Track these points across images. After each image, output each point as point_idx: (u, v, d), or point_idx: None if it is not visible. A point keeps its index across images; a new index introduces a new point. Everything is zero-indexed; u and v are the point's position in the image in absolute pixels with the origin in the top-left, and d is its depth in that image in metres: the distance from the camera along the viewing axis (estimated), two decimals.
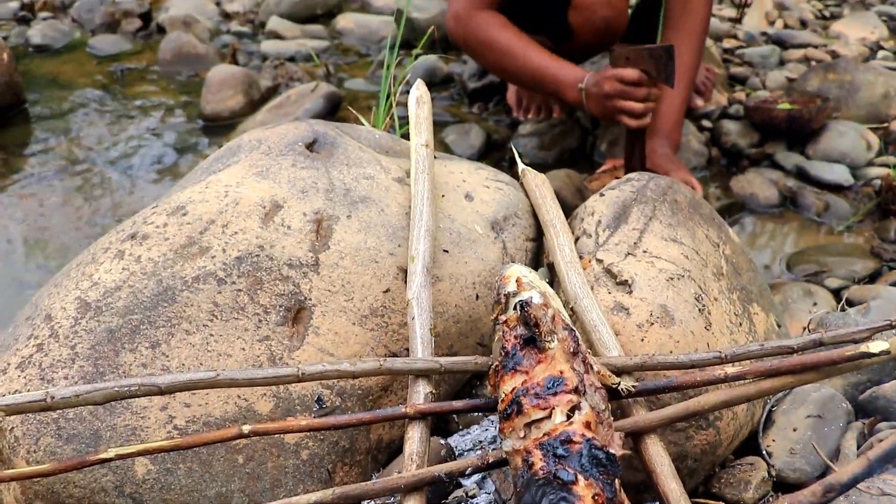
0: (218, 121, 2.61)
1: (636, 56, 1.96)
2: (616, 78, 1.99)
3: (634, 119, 2.01)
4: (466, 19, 2.23)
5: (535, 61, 2.17)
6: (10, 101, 2.64)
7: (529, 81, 2.25)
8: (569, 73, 2.12)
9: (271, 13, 3.26)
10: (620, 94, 1.99)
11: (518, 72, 2.23)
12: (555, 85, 2.16)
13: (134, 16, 3.27)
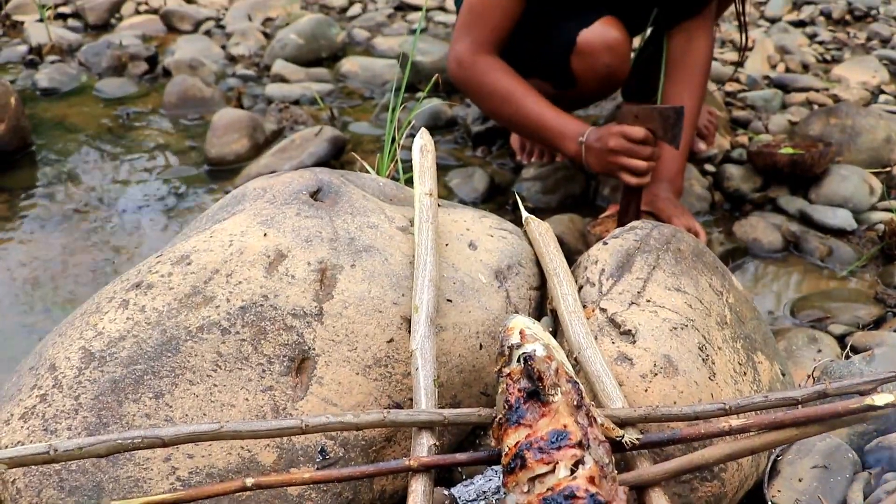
0: (222, 164, 2.62)
1: (645, 115, 1.96)
2: (622, 134, 2.00)
3: (635, 177, 2.02)
4: (468, 64, 2.25)
5: (535, 111, 2.18)
6: (16, 144, 2.66)
7: (529, 130, 2.27)
8: (569, 125, 2.13)
9: (276, 57, 3.29)
10: (626, 151, 2.00)
11: (518, 120, 2.24)
12: (554, 136, 2.17)
13: (140, 59, 3.30)
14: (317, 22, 3.41)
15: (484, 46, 2.23)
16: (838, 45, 3.37)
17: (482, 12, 2.23)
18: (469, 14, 2.25)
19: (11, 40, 3.57)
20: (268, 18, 3.78)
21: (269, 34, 3.62)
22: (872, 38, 3.38)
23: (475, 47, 2.23)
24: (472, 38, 2.24)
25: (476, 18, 2.23)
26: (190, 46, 3.44)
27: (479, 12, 2.23)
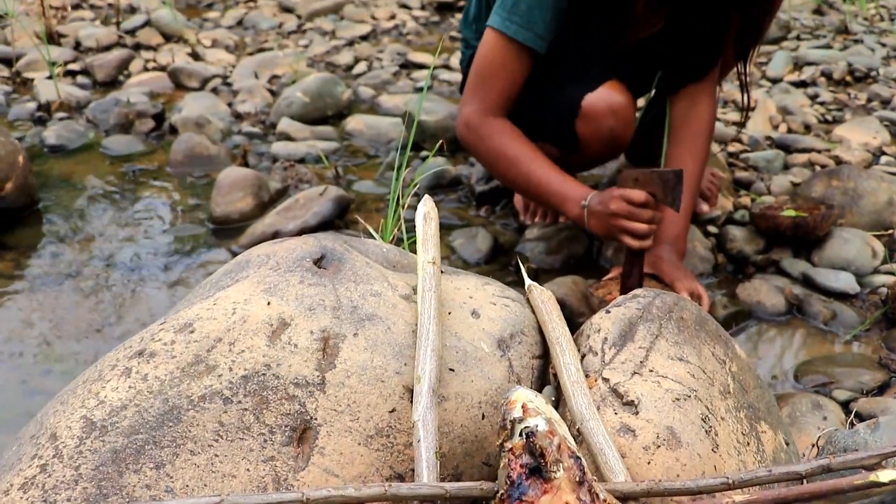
0: (227, 223, 2.64)
1: (645, 179, 1.98)
2: (623, 198, 2.01)
3: (637, 240, 2.03)
4: (476, 126, 2.27)
5: (540, 174, 2.20)
6: (23, 202, 2.68)
7: (533, 193, 2.29)
8: (572, 189, 2.15)
9: (282, 115, 3.31)
10: (626, 214, 2.01)
11: (522, 183, 2.26)
12: (557, 200, 2.19)
13: (147, 116, 3.32)
14: (322, 80, 3.44)
15: (491, 109, 2.26)
16: (839, 105, 3.39)
17: (489, 75, 2.25)
18: (477, 77, 2.28)
19: (21, 97, 3.60)
20: (274, 76, 3.82)
21: (276, 91, 3.66)
22: (873, 99, 3.41)
23: (483, 110, 2.26)
24: (479, 101, 2.26)
25: (483, 81, 2.26)
26: (197, 104, 3.47)
27: (487, 75, 2.26)
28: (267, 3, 4.86)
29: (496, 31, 2.21)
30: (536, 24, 2.18)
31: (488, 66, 2.26)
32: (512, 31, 2.18)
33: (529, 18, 2.17)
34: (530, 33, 2.18)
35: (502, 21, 2.20)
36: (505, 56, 2.22)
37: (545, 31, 2.19)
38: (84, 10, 4.73)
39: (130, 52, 3.97)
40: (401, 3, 4.85)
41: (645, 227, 2.02)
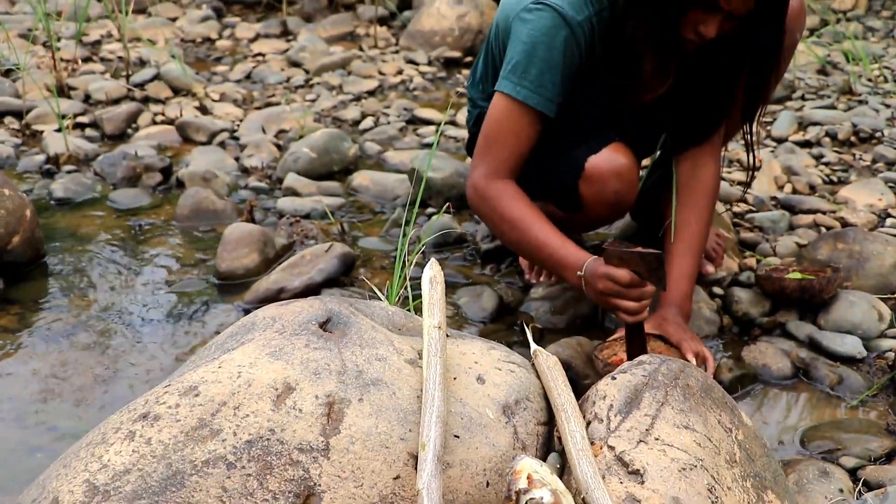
0: (232, 279, 2.64)
1: (628, 258, 1.98)
2: (608, 277, 2.02)
3: (630, 316, 2.03)
4: (482, 189, 2.28)
5: (542, 239, 2.20)
6: (30, 256, 2.68)
7: (535, 257, 2.30)
8: (571, 256, 2.15)
9: (289, 170, 3.33)
10: (615, 293, 2.02)
11: (525, 246, 2.27)
12: (557, 266, 2.20)
13: (155, 170, 3.34)
14: (329, 136, 3.47)
15: (498, 172, 2.27)
16: (844, 166, 3.40)
17: (498, 140, 2.27)
18: (486, 141, 2.30)
19: (30, 150, 3.62)
20: (281, 130, 3.84)
21: (283, 146, 3.68)
22: (878, 160, 3.42)
23: (490, 173, 2.27)
24: (487, 165, 2.28)
25: (492, 146, 2.28)
26: (204, 158, 3.49)
27: (496, 140, 2.27)
28: (275, 58, 4.90)
29: (506, 96, 2.23)
30: (546, 89, 2.19)
31: (497, 130, 2.27)
32: (522, 96, 2.20)
33: (540, 83, 2.19)
34: (541, 98, 2.19)
35: (513, 86, 2.21)
36: (514, 120, 2.24)
37: (555, 95, 2.20)
38: (94, 62, 4.77)
39: (139, 106, 4.00)
40: (408, 58, 4.89)
41: (634, 304, 2.02)
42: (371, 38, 5.25)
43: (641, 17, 2.14)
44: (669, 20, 2.10)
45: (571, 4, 2.19)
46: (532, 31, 2.20)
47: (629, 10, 2.15)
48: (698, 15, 2.07)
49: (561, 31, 2.18)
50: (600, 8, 2.22)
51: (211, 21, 5.53)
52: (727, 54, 2.17)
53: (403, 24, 5.32)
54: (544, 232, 2.22)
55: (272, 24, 5.48)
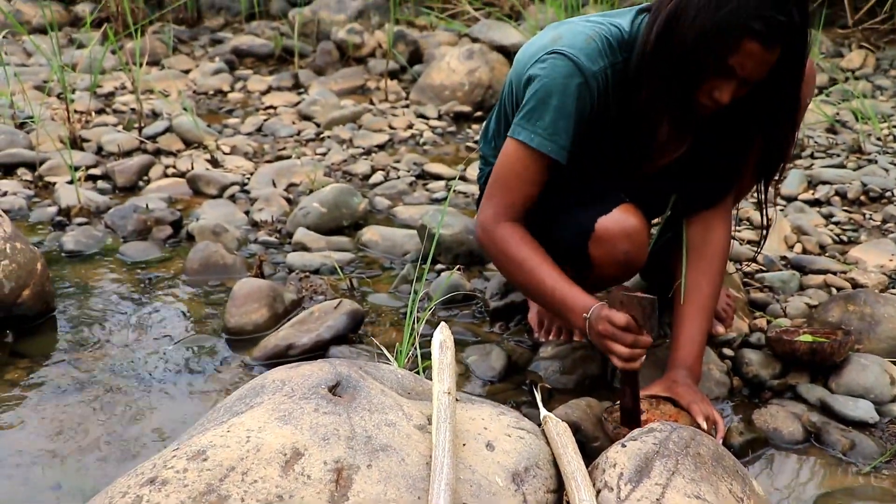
0: (241, 334, 2.64)
1: (628, 302, 1.99)
2: (607, 319, 2.02)
3: (621, 362, 2.03)
4: (491, 230, 2.29)
5: (549, 281, 2.21)
6: (40, 309, 2.69)
7: (542, 300, 2.30)
8: (578, 299, 2.15)
9: (299, 224, 3.34)
10: (610, 335, 2.02)
11: (532, 289, 2.27)
12: (564, 309, 2.20)
13: (165, 223, 3.36)
14: (339, 191, 3.48)
15: (506, 214, 2.28)
16: (854, 226, 3.40)
17: (508, 183, 2.28)
18: (496, 183, 2.31)
19: (42, 201, 3.65)
20: (292, 184, 3.86)
21: (293, 200, 3.69)
22: (888, 220, 3.41)
23: (498, 214, 2.28)
24: (495, 206, 2.29)
25: (502, 188, 2.29)
26: (214, 211, 3.51)
27: (505, 182, 2.28)
28: (287, 111, 4.94)
29: (518, 142, 2.23)
30: (559, 136, 2.20)
31: (508, 174, 2.28)
32: (536, 143, 2.21)
33: (553, 130, 2.20)
34: (554, 145, 2.20)
35: (526, 133, 2.22)
36: (526, 164, 2.25)
37: (567, 143, 2.21)
38: (107, 114, 4.82)
39: (151, 158, 4.03)
40: (418, 112, 4.92)
41: (626, 350, 2.01)
42: (381, 91, 5.29)
43: (656, 82, 2.15)
44: (684, 87, 2.11)
45: (586, 54, 2.20)
46: (546, 78, 2.21)
47: (643, 74, 2.17)
48: (713, 81, 2.09)
49: (575, 79, 2.19)
50: (615, 61, 2.24)
51: (223, 74, 5.58)
52: (741, 119, 2.18)
53: (414, 78, 5.36)
54: (552, 274, 2.22)
55: (284, 77, 5.53)
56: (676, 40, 2.09)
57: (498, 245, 2.27)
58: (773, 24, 1.98)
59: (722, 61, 2.04)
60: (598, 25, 2.25)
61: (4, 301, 2.58)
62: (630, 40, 2.24)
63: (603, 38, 2.22)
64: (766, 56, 2.03)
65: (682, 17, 2.08)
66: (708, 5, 2.03)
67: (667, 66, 2.12)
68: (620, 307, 2.00)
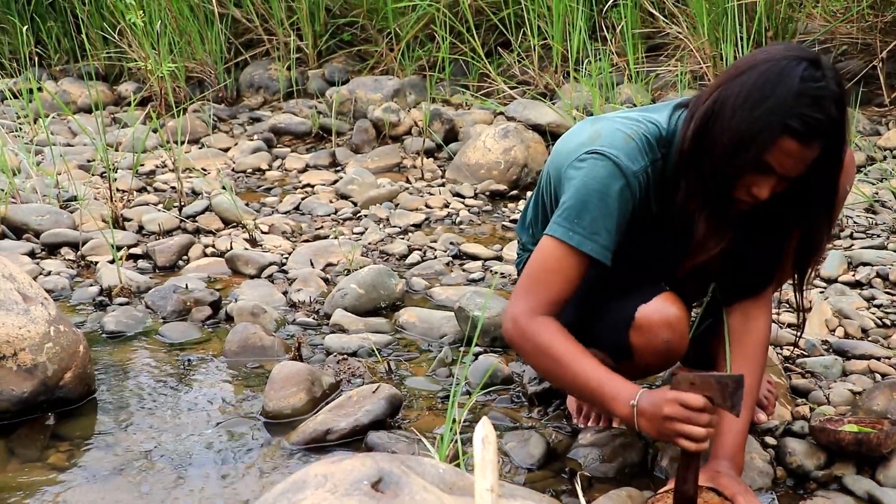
0: (280, 418, 2.64)
1: (702, 383, 1.98)
2: (678, 402, 2.00)
3: (694, 443, 2.00)
4: (523, 325, 2.27)
5: (587, 372, 2.19)
6: (81, 392, 2.71)
7: (580, 391, 2.28)
8: (620, 387, 2.14)
9: (336, 306, 3.35)
10: (683, 418, 2.00)
11: (569, 381, 2.25)
12: (605, 398, 2.17)
13: (204, 304, 3.38)
14: (377, 272, 3.50)
15: (541, 309, 2.26)
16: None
17: (543, 279, 2.27)
18: (530, 278, 2.30)
19: (84, 280, 3.69)
20: (329, 264, 3.89)
21: (330, 280, 3.72)
22: None
23: (532, 309, 2.26)
24: (529, 301, 2.27)
25: (535, 283, 2.28)
26: (252, 292, 3.53)
27: (541, 278, 2.27)
28: (324, 189, 5.00)
29: (556, 239, 2.23)
30: (600, 236, 2.20)
31: (544, 271, 2.27)
32: (576, 242, 2.20)
33: (593, 230, 2.20)
34: (595, 245, 2.20)
35: (564, 231, 2.22)
36: (564, 263, 2.24)
37: (609, 243, 2.21)
38: (148, 193, 4.90)
39: (190, 238, 4.08)
40: (454, 191, 4.95)
41: (703, 430, 2.00)
42: (418, 169, 5.34)
43: (693, 179, 2.17)
44: (722, 184, 2.12)
45: (627, 154, 2.22)
46: (586, 178, 2.22)
47: (681, 172, 2.18)
48: (751, 177, 2.09)
49: (616, 180, 2.20)
50: (654, 158, 2.25)
51: (262, 152, 5.66)
52: (780, 212, 2.19)
53: (450, 156, 5.41)
54: (590, 365, 2.20)
55: (321, 155, 5.60)
56: (713, 138, 2.10)
57: (532, 339, 2.25)
58: (810, 121, 1.99)
59: (759, 158, 2.05)
60: (637, 123, 2.27)
61: (47, 384, 2.60)
62: (668, 137, 2.26)
63: (642, 137, 2.24)
64: (805, 153, 2.03)
65: (718, 115, 2.10)
66: (745, 103, 2.05)
67: (704, 163, 2.13)
68: (691, 388, 1.99)
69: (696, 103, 2.21)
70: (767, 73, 2.04)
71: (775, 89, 2.01)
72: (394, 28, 6.47)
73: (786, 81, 2.01)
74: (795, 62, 2.03)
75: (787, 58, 2.05)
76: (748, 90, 2.05)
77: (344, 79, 6.49)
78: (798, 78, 2.00)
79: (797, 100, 1.99)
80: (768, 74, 2.04)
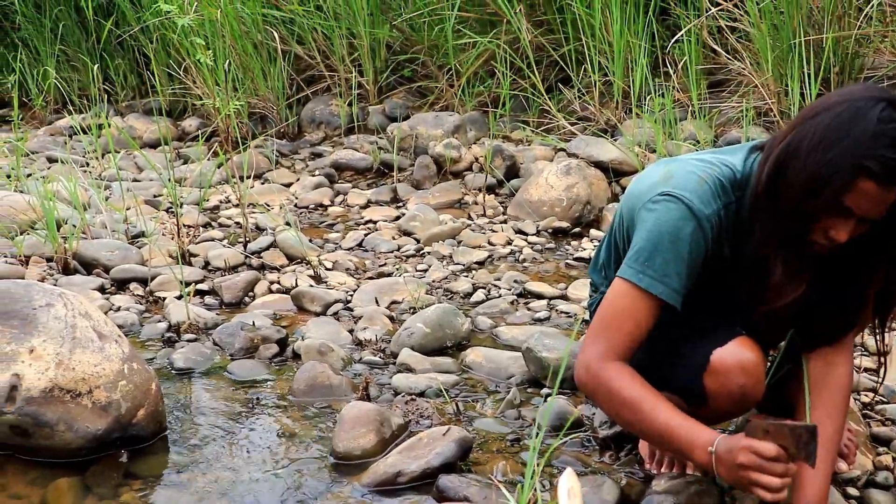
0: (349, 459, 2.63)
1: (776, 431, 1.95)
2: (752, 450, 1.98)
3: (770, 493, 1.97)
4: (596, 370, 2.25)
5: (664, 418, 2.16)
6: (153, 429, 2.73)
7: (657, 438, 2.24)
8: (699, 433, 2.11)
9: (403, 345, 3.35)
10: (756, 467, 1.97)
11: (645, 427, 2.22)
12: (683, 444, 2.14)
13: (271, 342, 3.40)
14: (443, 311, 3.49)
15: (613, 354, 2.25)
16: None
17: (615, 322, 2.26)
18: (601, 323, 2.29)
19: (153, 316, 3.73)
20: (394, 301, 3.89)
21: (395, 318, 3.72)
22: None
23: (604, 354, 2.25)
24: (601, 345, 2.26)
25: (608, 327, 2.26)
26: (319, 330, 3.54)
27: (612, 322, 2.26)
28: (386, 225, 5.02)
29: (628, 282, 2.23)
30: (671, 279, 2.19)
31: (615, 314, 2.26)
32: (646, 284, 2.19)
33: (664, 272, 2.18)
34: (665, 287, 2.19)
35: (635, 273, 2.21)
36: (635, 306, 2.23)
37: (681, 287, 2.19)
38: (213, 228, 4.96)
39: (256, 274, 4.11)
40: (516, 228, 4.94)
41: (777, 481, 1.97)
42: (479, 206, 5.34)
43: (768, 223, 2.13)
44: (798, 227, 2.09)
45: (700, 197, 2.20)
46: (658, 221, 2.21)
47: (756, 215, 2.15)
48: (829, 220, 2.06)
49: (689, 223, 2.18)
50: (728, 202, 2.23)
51: (324, 188, 5.70)
52: (860, 256, 2.14)
53: (511, 193, 5.40)
54: (667, 411, 2.17)
55: (382, 191, 5.63)
56: (788, 180, 2.07)
57: (605, 385, 2.23)
58: (888, 163, 1.95)
59: (836, 201, 2.01)
60: (711, 166, 2.25)
61: (121, 421, 2.62)
62: (743, 180, 2.24)
63: (716, 180, 2.21)
64: (884, 195, 1.99)
65: (793, 156, 2.07)
66: (820, 144, 2.02)
67: (779, 205, 2.10)
68: (765, 436, 1.96)
69: (770, 145, 2.18)
70: (843, 114, 2.00)
71: (851, 130, 1.98)
72: (454, 64, 6.49)
73: (862, 122, 1.97)
74: (872, 102, 1.99)
75: (863, 98, 2.01)
76: (823, 131, 2.02)
77: (404, 114, 6.52)
78: (875, 119, 1.97)
79: (874, 140, 1.96)
80: (844, 115, 2.00)
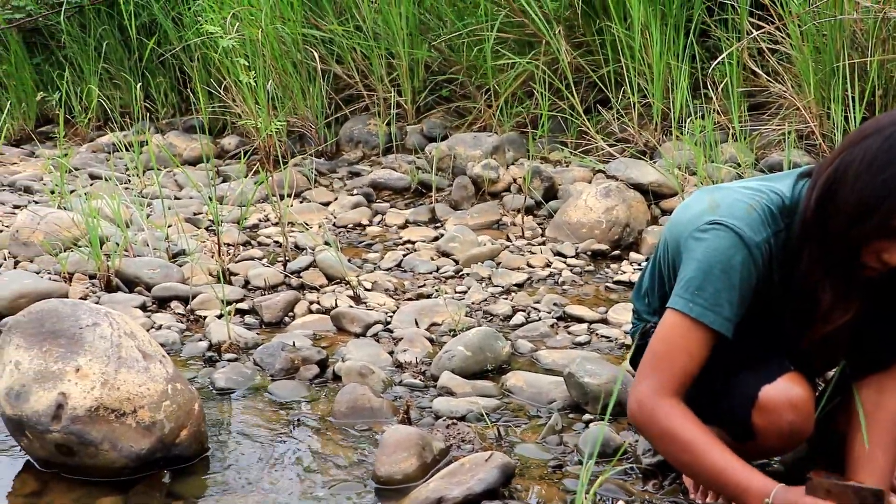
0: (391, 484, 2.63)
1: (840, 493, 1.94)
2: None
3: None
4: (650, 408, 2.24)
5: (720, 462, 2.14)
6: (195, 450, 2.74)
7: (710, 480, 2.22)
8: (756, 482, 2.09)
9: (444, 368, 3.34)
10: None
11: (699, 469, 2.21)
12: (737, 489, 2.13)
13: (312, 362, 3.40)
14: (483, 334, 3.48)
15: (666, 390, 2.23)
16: None
17: (667, 357, 2.24)
18: (654, 356, 2.27)
19: (193, 335, 3.75)
20: (434, 323, 3.88)
21: (435, 340, 3.71)
22: None
23: (658, 390, 2.23)
24: (655, 381, 2.24)
25: (661, 362, 2.25)
26: (359, 351, 3.54)
27: (665, 356, 2.24)
28: (424, 246, 5.02)
29: (679, 313, 2.21)
30: (723, 308, 2.17)
31: (668, 347, 2.25)
32: (696, 314, 2.18)
33: (716, 301, 2.17)
34: (717, 316, 2.17)
35: (685, 303, 2.20)
36: (687, 338, 2.21)
37: (732, 315, 2.18)
38: (253, 247, 4.98)
39: (296, 294, 4.12)
40: (555, 249, 4.92)
41: None
42: (517, 227, 5.33)
43: (817, 247, 2.12)
44: (847, 251, 2.07)
45: (749, 224, 2.18)
46: (708, 250, 2.19)
47: (804, 242, 2.14)
48: (880, 243, 2.04)
49: (739, 252, 2.17)
50: (777, 229, 2.21)
51: (362, 207, 5.72)
52: None
53: (550, 214, 5.39)
54: (723, 455, 2.16)
55: (420, 211, 5.63)
56: (837, 204, 2.06)
57: (659, 423, 2.22)
58: None
59: (886, 224, 2.00)
60: (759, 193, 2.23)
61: (164, 441, 2.64)
62: (792, 206, 2.22)
63: (764, 208, 2.20)
64: None
65: (842, 180, 2.05)
66: (869, 167, 2.00)
67: (828, 230, 2.08)
68: (827, 496, 1.94)
69: (818, 170, 2.17)
70: (892, 137, 1.99)
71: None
72: (492, 84, 6.50)
73: None
74: None
75: None
76: (873, 154, 2.01)
77: (442, 134, 6.53)
78: None
79: None
80: (893, 138, 1.99)
